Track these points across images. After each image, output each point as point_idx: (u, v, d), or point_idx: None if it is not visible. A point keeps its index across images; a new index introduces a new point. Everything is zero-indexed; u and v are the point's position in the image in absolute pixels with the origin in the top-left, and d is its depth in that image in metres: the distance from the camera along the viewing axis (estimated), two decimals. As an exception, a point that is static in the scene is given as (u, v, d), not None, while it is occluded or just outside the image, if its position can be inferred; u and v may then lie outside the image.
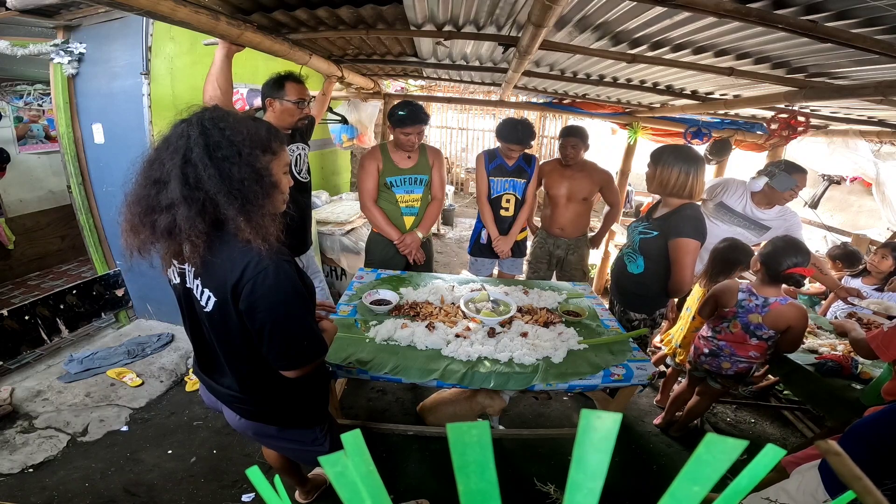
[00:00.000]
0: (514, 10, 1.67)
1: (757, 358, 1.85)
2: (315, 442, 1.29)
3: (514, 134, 2.42)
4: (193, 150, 0.89)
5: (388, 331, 1.72)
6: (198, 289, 1.01)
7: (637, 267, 1.96)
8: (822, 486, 1.08)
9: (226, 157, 0.90)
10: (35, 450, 1.92)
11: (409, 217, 2.42)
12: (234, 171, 0.90)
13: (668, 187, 1.83)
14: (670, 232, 1.81)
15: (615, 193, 2.78)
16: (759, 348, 1.83)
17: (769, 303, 1.76)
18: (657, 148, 1.91)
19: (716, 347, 1.93)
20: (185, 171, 0.88)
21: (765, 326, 1.77)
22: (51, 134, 3.95)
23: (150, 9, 1.21)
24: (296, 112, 1.92)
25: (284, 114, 1.92)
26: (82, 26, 2.37)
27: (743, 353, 1.85)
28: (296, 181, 2.09)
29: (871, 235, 3.56)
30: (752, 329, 1.81)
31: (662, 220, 1.87)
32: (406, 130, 2.20)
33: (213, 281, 0.97)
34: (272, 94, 1.90)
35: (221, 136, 0.91)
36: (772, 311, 1.75)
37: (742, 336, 1.84)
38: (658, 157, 1.86)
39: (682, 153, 1.83)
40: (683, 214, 1.81)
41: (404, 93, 4.55)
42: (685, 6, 1.19)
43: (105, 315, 2.83)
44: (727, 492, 0.29)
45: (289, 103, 1.89)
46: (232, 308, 0.97)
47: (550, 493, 1.84)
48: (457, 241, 5.78)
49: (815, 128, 3.15)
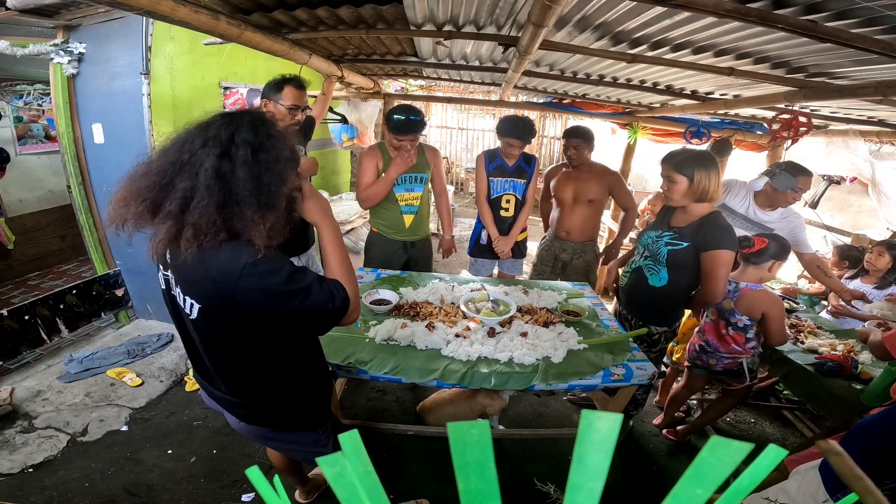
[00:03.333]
0: (514, 10, 1.67)
1: (741, 352, 1.86)
2: (317, 443, 1.27)
3: (514, 129, 2.40)
4: (233, 146, 0.88)
5: (387, 331, 1.72)
6: (180, 296, 0.98)
7: (660, 280, 1.86)
8: (822, 488, 1.07)
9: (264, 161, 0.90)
10: (35, 450, 1.92)
11: (408, 216, 2.42)
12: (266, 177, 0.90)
13: (706, 196, 1.71)
14: (706, 243, 1.71)
15: (627, 196, 2.61)
16: (737, 341, 1.84)
17: (740, 288, 1.80)
18: (675, 161, 1.73)
19: (704, 343, 1.96)
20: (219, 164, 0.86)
21: (737, 312, 1.80)
22: (51, 134, 3.95)
23: (150, 9, 1.21)
24: (286, 117, 1.90)
25: (275, 117, 1.91)
26: (82, 26, 2.37)
27: (724, 346, 1.88)
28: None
29: (871, 235, 3.56)
30: (726, 315, 1.84)
31: (693, 231, 1.75)
32: (399, 138, 2.18)
33: (194, 288, 0.94)
34: (269, 95, 1.90)
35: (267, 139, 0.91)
36: (742, 296, 1.78)
37: (719, 324, 1.87)
38: (685, 167, 1.69)
39: (701, 158, 1.71)
40: (718, 224, 1.72)
41: (404, 92, 4.55)
42: (685, 6, 1.19)
43: (105, 315, 2.83)
44: (728, 492, 0.29)
45: (282, 107, 1.88)
46: (220, 314, 0.94)
47: (550, 493, 1.84)
48: (457, 241, 5.74)
49: (816, 128, 3.15)
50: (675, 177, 1.72)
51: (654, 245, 1.88)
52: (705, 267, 1.74)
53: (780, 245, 1.80)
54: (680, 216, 1.84)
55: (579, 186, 2.53)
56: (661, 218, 1.95)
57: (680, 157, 1.73)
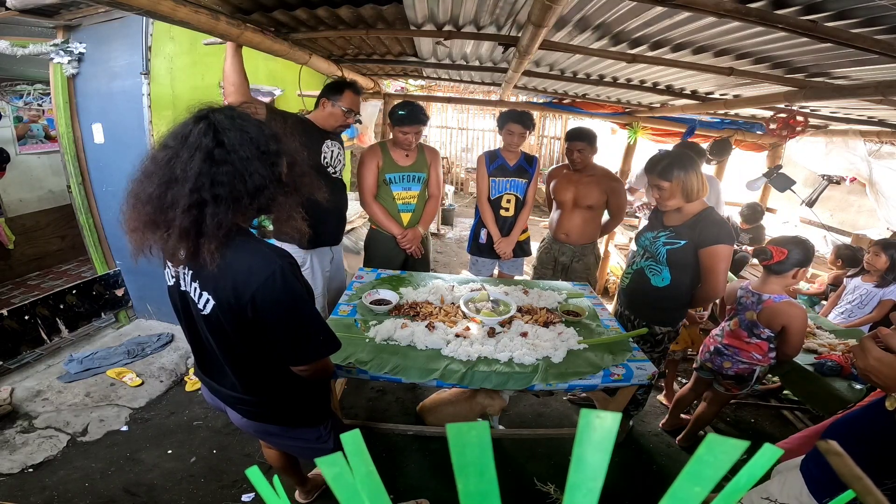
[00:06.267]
0: (514, 10, 1.67)
1: (759, 360, 1.81)
2: (319, 440, 1.29)
3: (513, 114, 2.46)
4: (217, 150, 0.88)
5: (387, 331, 1.72)
6: (195, 291, 0.99)
7: (662, 280, 1.86)
8: (805, 489, 1.03)
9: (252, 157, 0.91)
10: (35, 450, 1.92)
11: (405, 214, 2.44)
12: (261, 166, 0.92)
13: (692, 195, 1.74)
14: (703, 240, 1.72)
15: (620, 204, 2.59)
16: (760, 349, 1.80)
17: (763, 299, 1.75)
18: (659, 166, 1.76)
19: (721, 346, 1.92)
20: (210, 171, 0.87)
21: (760, 324, 1.76)
22: (51, 134, 3.95)
23: (150, 9, 1.21)
24: (341, 119, 2.03)
25: (331, 117, 2.03)
26: (82, 26, 2.37)
27: (745, 353, 1.83)
28: (329, 178, 2.11)
29: (870, 235, 3.56)
30: (748, 326, 1.80)
31: (688, 228, 1.77)
32: (404, 129, 2.24)
33: (214, 284, 0.96)
34: (329, 96, 2.01)
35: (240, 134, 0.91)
36: (765, 307, 1.73)
37: (741, 333, 1.83)
38: (666, 172, 1.73)
39: (682, 158, 1.75)
40: (712, 220, 1.74)
41: (404, 93, 4.56)
42: (685, 6, 1.19)
43: (105, 315, 2.83)
44: (725, 490, 0.29)
45: (339, 109, 2.00)
46: (234, 312, 0.96)
47: (550, 492, 1.84)
48: (457, 241, 5.78)
49: (815, 128, 3.16)
50: (662, 184, 1.76)
51: (652, 246, 1.89)
52: (705, 263, 1.75)
53: (804, 251, 1.70)
54: (674, 215, 1.85)
55: (580, 190, 2.50)
56: (655, 218, 1.95)
57: (661, 164, 1.76)
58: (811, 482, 1.03)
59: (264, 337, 1.00)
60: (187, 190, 0.87)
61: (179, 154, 0.88)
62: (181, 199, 0.87)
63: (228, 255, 0.93)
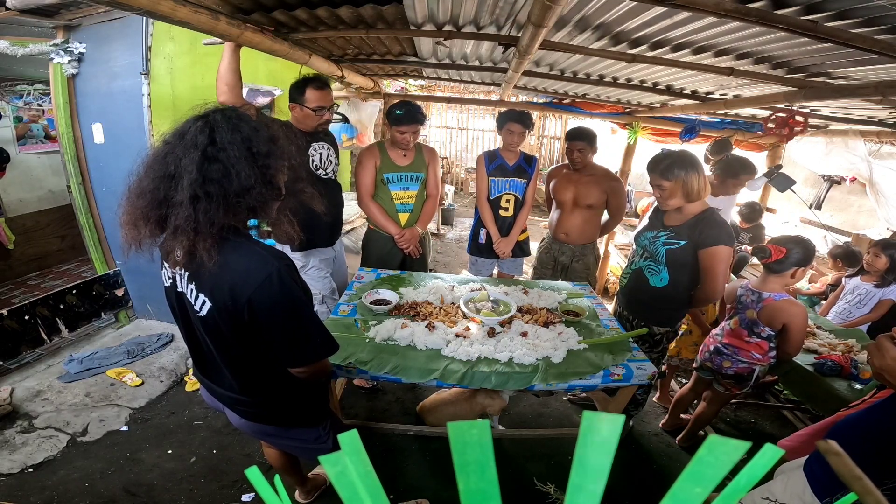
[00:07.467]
0: (514, 10, 1.67)
1: (759, 360, 1.81)
2: (318, 440, 1.29)
3: (513, 113, 2.46)
4: (213, 147, 0.89)
5: (387, 331, 1.72)
6: (191, 293, 0.99)
7: (661, 280, 1.86)
8: (808, 489, 1.03)
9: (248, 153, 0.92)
10: (35, 450, 1.92)
11: (403, 214, 2.43)
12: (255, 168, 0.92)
13: (693, 195, 1.74)
14: (703, 241, 1.72)
15: (620, 204, 2.60)
16: (760, 348, 1.80)
17: (763, 298, 1.75)
18: (660, 168, 1.76)
19: (721, 345, 1.92)
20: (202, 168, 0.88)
21: (760, 323, 1.76)
22: (51, 134, 3.95)
23: (150, 9, 1.21)
24: (315, 118, 1.98)
25: (306, 119, 2.00)
26: (82, 26, 2.37)
27: (744, 353, 1.83)
28: (320, 179, 2.10)
29: (871, 235, 3.56)
30: (748, 325, 1.80)
31: (688, 229, 1.77)
32: (402, 129, 2.24)
33: (209, 286, 0.96)
34: (294, 99, 1.97)
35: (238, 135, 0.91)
36: (765, 306, 1.73)
37: (741, 332, 1.83)
38: (667, 171, 1.73)
39: (682, 159, 1.74)
40: (713, 221, 1.73)
41: (404, 93, 4.56)
42: (685, 6, 1.19)
43: (105, 315, 2.83)
44: (726, 491, 0.29)
45: (308, 110, 1.96)
46: (230, 314, 0.95)
47: (550, 492, 1.84)
48: (457, 241, 5.79)
49: (815, 128, 3.16)
50: (663, 184, 1.75)
51: (651, 245, 1.88)
52: (704, 264, 1.75)
53: (804, 250, 1.69)
54: (674, 215, 1.85)
55: (580, 190, 2.51)
56: (655, 218, 1.94)
57: (664, 164, 1.75)
58: (814, 482, 1.03)
59: (261, 339, 1.00)
60: (179, 185, 0.87)
61: (175, 150, 0.90)
62: (173, 194, 0.88)
63: (225, 256, 0.93)
